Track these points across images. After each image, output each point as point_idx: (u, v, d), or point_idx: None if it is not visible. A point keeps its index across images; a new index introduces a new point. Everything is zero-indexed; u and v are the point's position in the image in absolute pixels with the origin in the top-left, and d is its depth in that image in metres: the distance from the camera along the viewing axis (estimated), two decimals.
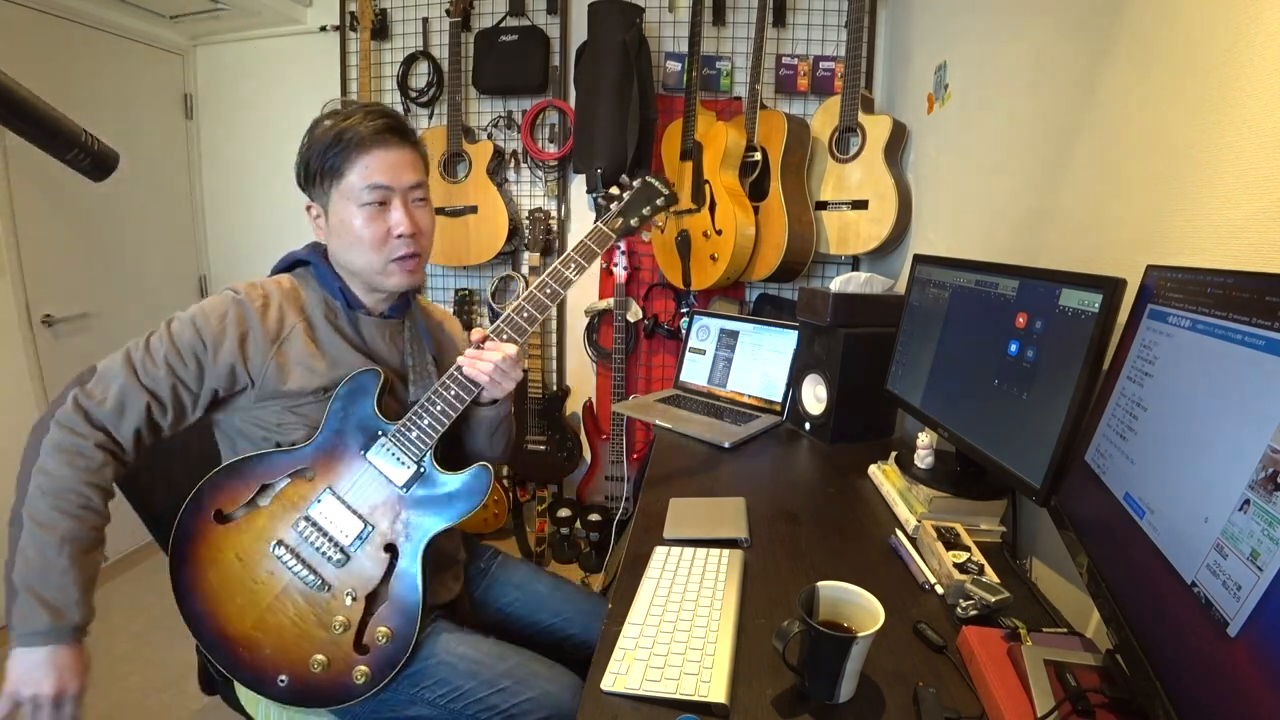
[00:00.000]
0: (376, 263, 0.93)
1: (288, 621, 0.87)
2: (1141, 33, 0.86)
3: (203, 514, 0.89)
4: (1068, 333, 0.81)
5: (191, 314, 0.88)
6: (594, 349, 2.31)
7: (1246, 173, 0.66)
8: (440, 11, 2.16)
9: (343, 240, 0.93)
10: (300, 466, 0.91)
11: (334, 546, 0.89)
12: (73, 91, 2.07)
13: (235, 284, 0.92)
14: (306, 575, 0.88)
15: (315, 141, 0.90)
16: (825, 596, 0.69)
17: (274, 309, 0.91)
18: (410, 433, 0.92)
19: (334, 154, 0.88)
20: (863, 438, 1.43)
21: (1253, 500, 0.45)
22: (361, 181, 0.89)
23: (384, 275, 0.94)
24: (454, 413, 0.94)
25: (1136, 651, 0.55)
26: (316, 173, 0.90)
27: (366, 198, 0.89)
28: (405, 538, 0.91)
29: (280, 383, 0.90)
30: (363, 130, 0.88)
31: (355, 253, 0.92)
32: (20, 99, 0.50)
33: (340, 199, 0.90)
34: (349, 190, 0.89)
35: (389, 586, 0.90)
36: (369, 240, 0.91)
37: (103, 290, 2.22)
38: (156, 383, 0.85)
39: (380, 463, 0.92)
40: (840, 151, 1.80)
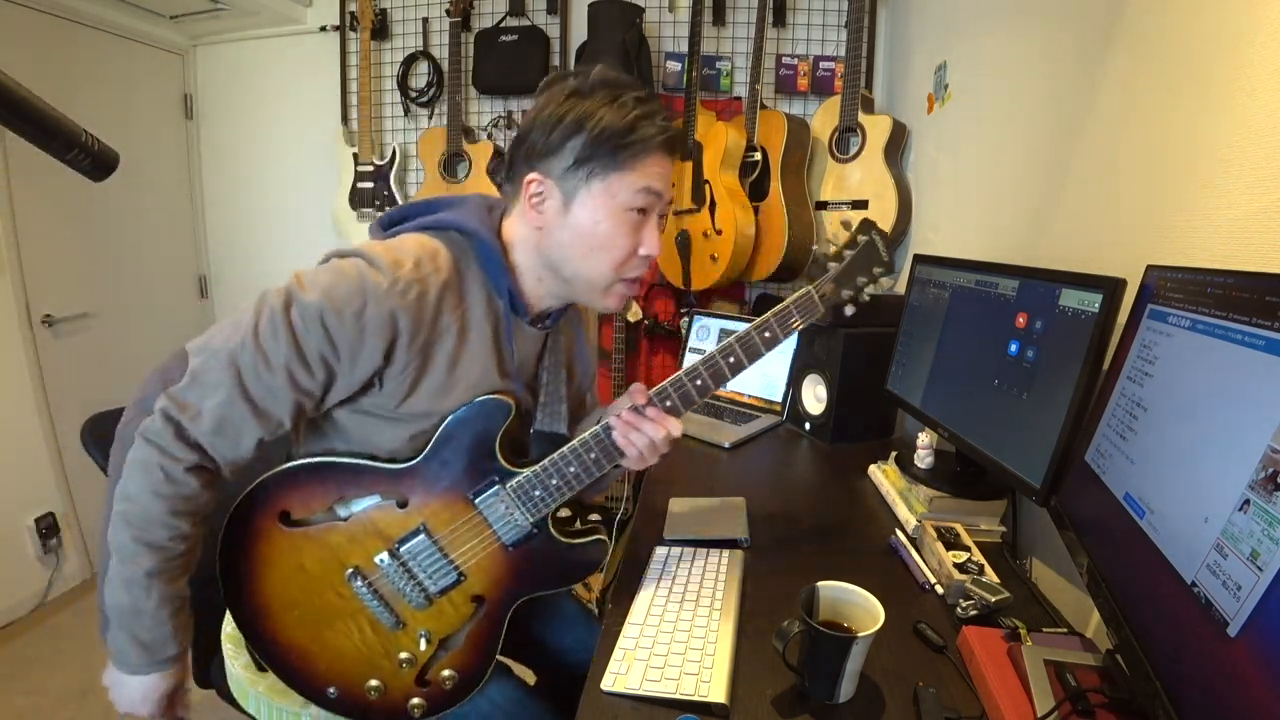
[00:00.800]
0: (606, 277, 0.76)
1: (350, 645, 0.80)
2: (1141, 33, 0.86)
3: (265, 509, 0.77)
4: (1068, 333, 0.81)
5: (319, 305, 0.66)
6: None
7: (1246, 173, 0.66)
8: (440, 11, 2.16)
9: (579, 240, 0.74)
10: (395, 490, 0.78)
11: (417, 589, 0.79)
12: (73, 91, 2.07)
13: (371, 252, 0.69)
14: (380, 610, 0.79)
15: (603, 112, 0.71)
16: (825, 596, 0.69)
17: (430, 303, 0.71)
18: (534, 490, 0.78)
19: (633, 137, 0.71)
20: (863, 438, 1.43)
21: (1253, 500, 0.45)
22: (641, 182, 0.72)
23: (603, 293, 0.78)
24: (589, 479, 0.80)
25: (1136, 651, 0.55)
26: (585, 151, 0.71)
27: (637, 201, 0.73)
28: (498, 594, 0.81)
29: (400, 401, 0.74)
30: (661, 133, 0.73)
31: (589, 260, 0.75)
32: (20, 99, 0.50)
33: (601, 192, 0.72)
34: (619, 187, 0.72)
35: (466, 633, 0.81)
36: (619, 252, 0.74)
37: (103, 290, 2.22)
38: (271, 396, 0.68)
39: (490, 513, 0.79)
40: (840, 151, 1.80)
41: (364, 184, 2.21)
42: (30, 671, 1.73)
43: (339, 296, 0.66)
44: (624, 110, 0.71)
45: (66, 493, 2.09)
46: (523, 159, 0.75)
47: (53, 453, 2.04)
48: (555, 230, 0.75)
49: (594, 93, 0.72)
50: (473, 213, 0.78)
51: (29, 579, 2.00)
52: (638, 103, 0.72)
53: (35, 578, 2.01)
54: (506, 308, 0.78)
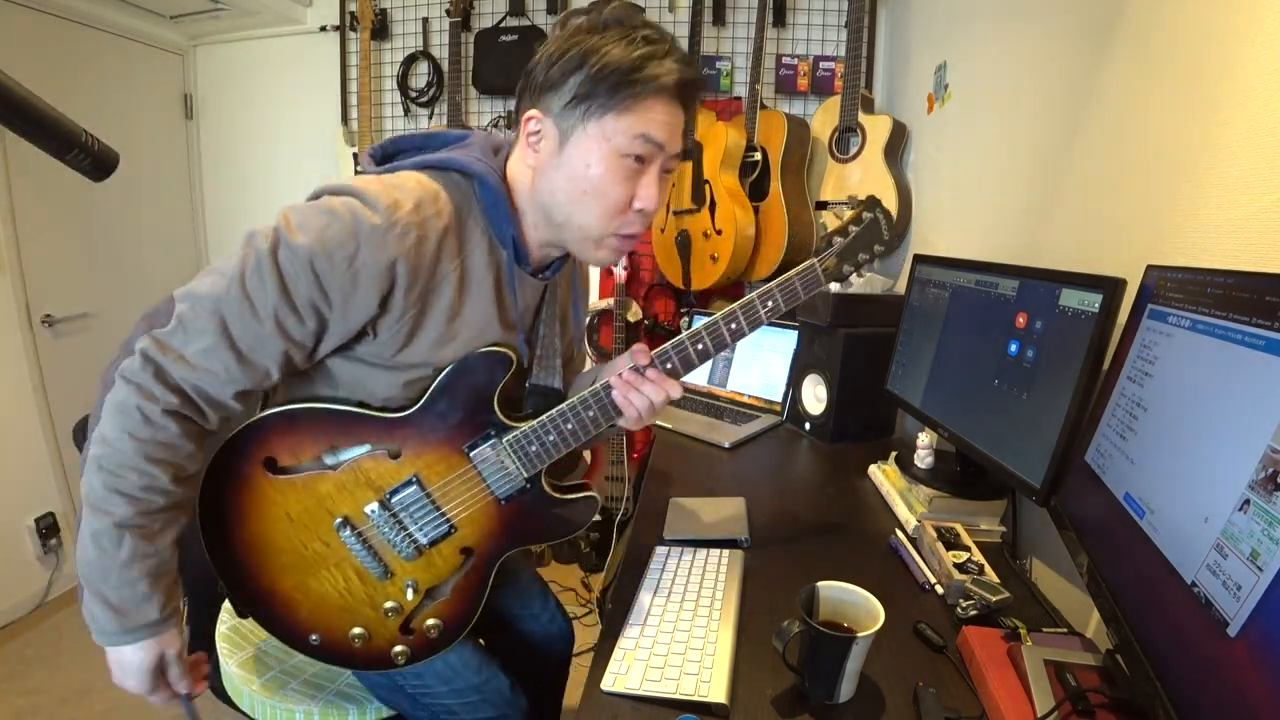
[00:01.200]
0: (596, 227, 0.72)
1: (334, 593, 0.79)
2: (1142, 33, 0.86)
3: (248, 456, 0.74)
4: (1068, 333, 0.81)
5: (310, 248, 0.63)
6: (594, 349, 2.31)
7: (1246, 173, 0.66)
8: (440, 11, 2.16)
9: (569, 183, 0.71)
10: (388, 440, 0.76)
11: (408, 541, 0.79)
12: (73, 91, 2.07)
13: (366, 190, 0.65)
14: (369, 560, 0.78)
15: (609, 47, 0.66)
16: (825, 596, 0.69)
17: (429, 249, 0.68)
18: (530, 445, 0.77)
19: (626, 79, 0.66)
20: (863, 438, 1.43)
21: (1253, 500, 0.45)
22: (638, 127, 0.68)
23: (595, 245, 0.74)
24: (586, 436, 0.79)
25: (1136, 651, 0.55)
26: (583, 88, 0.67)
27: (633, 149, 0.68)
28: (487, 546, 0.82)
29: (400, 345, 0.71)
30: (669, 75, 0.67)
31: (579, 206, 0.71)
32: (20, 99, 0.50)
33: (596, 133, 0.68)
34: (614, 129, 0.68)
35: (454, 584, 0.82)
36: (610, 201, 0.70)
37: (103, 290, 2.22)
38: (259, 345, 0.65)
39: (485, 467, 0.78)
40: (840, 151, 1.80)
41: None
42: (30, 671, 1.73)
43: (331, 240, 0.63)
44: (631, 48, 0.66)
45: (66, 493, 2.09)
46: (525, 94, 0.72)
47: (53, 453, 2.04)
48: (549, 171, 0.72)
49: (606, 29, 0.68)
50: (478, 152, 0.74)
51: (29, 579, 2.00)
52: (647, 42, 0.68)
53: (35, 578, 2.01)
54: (510, 257, 0.75)
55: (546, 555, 2.34)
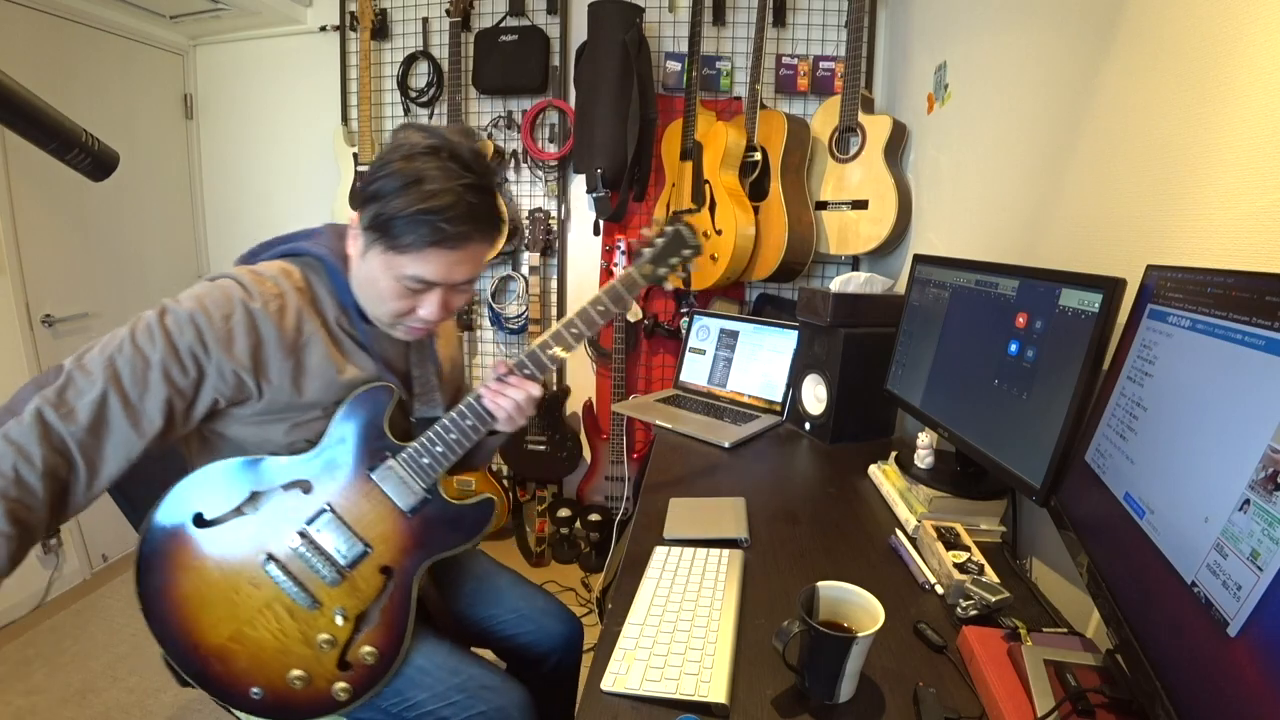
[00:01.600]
0: (385, 321, 0.86)
1: (268, 635, 0.84)
2: (1141, 32, 0.86)
3: (178, 515, 0.83)
4: (1068, 333, 0.81)
5: (190, 310, 0.75)
6: (594, 349, 2.31)
7: (1246, 173, 0.66)
8: (440, 11, 2.16)
9: (363, 285, 0.84)
10: (298, 476, 0.85)
11: (329, 565, 0.85)
12: (73, 91, 2.07)
13: (237, 273, 0.80)
14: (296, 591, 0.84)
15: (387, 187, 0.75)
16: (825, 596, 0.69)
17: (291, 312, 0.81)
18: (422, 458, 0.89)
19: (401, 230, 0.76)
20: (863, 438, 1.43)
21: (1253, 500, 0.45)
22: (413, 269, 0.79)
23: (389, 328, 0.88)
24: (469, 443, 0.91)
25: (1136, 651, 0.55)
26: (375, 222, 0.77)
27: (409, 284, 0.80)
28: (404, 562, 0.89)
29: (295, 395, 0.82)
30: (449, 227, 0.76)
31: (370, 303, 0.85)
32: (20, 99, 0.50)
33: (380, 259, 0.79)
34: (394, 264, 0.79)
35: (380, 607, 0.87)
36: (392, 309, 0.83)
37: (103, 290, 2.22)
38: (146, 392, 0.72)
39: (386, 484, 0.88)
40: (840, 151, 1.80)
41: None
42: (30, 671, 1.73)
43: (209, 303, 0.76)
44: (411, 201, 0.74)
45: None
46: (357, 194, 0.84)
47: None
48: (356, 266, 0.85)
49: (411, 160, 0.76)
50: (322, 240, 0.88)
51: (29, 579, 1.99)
52: (428, 196, 0.74)
53: (35, 578, 2.01)
54: (355, 316, 0.88)
55: (547, 555, 2.34)
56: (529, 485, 2.39)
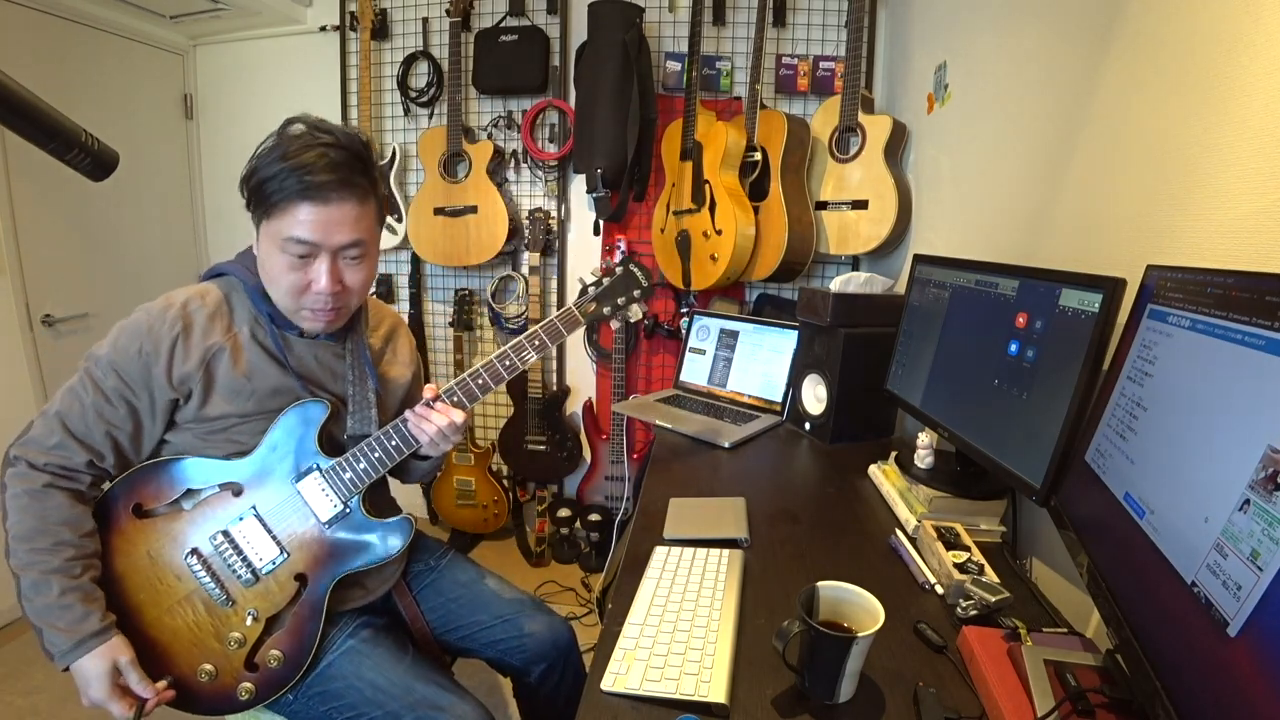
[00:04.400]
0: (286, 305, 0.89)
1: (184, 626, 0.88)
2: (1142, 33, 0.86)
3: (122, 503, 0.89)
4: (1068, 333, 0.81)
5: (108, 356, 0.85)
6: (594, 349, 2.31)
7: (1246, 173, 0.66)
8: (440, 11, 2.16)
9: (263, 272, 0.88)
10: (231, 479, 0.91)
11: (246, 566, 0.90)
12: (73, 91, 2.07)
13: (151, 304, 0.88)
14: (213, 588, 0.88)
15: (262, 161, 0.82)
16: (825, 596, 0.69)
17: (196, 330, 0.87)
18: (344, 473, 0.93)
19: (274, 190, 0.81)
20: (863, 438, 1.43)
21: (1253, 500, 0.45)
22: (287, 231, 0.82)
23: (297, 318, 0.91)
24: (391, 463, 0.95)
25: (1136, 651, 0.55)
26: (252, 196, 0.84)
27: (290, 249, 0.83)
28: (318, 571, 0.92)
29: (200, 406, 0.88)
30: (312, 178, 0.80)
31: (270, 289, 0.89)
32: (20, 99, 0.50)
33: (266, 235, 0.85)
34: (274, 232, 0.83)
35: (291, 613, 0.91)
36: (285, 286, 0.86)
37: (103, 290, 2.22)
38: (88, 432, 0.85)
39: (309, 495, 0.92)
40: (840, 151, 1.80)
41: None
42: (30, 671, 1.73)
43: (121, 345, 0.85)
44: (278, 162, 0.81)
45: None
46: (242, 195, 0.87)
47: None
48: (258, 258, 0.89)
49: (272, 146, 0.83)
50: (238, 259, 0.94)
51: None
52: (288, 155, 0.81)
53: None
54: (269, 324, 0.92)
55: (547, 555, 2.34)
56: (529, 485, 2.39)
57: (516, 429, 2.29)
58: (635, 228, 2.20)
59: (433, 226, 2.13)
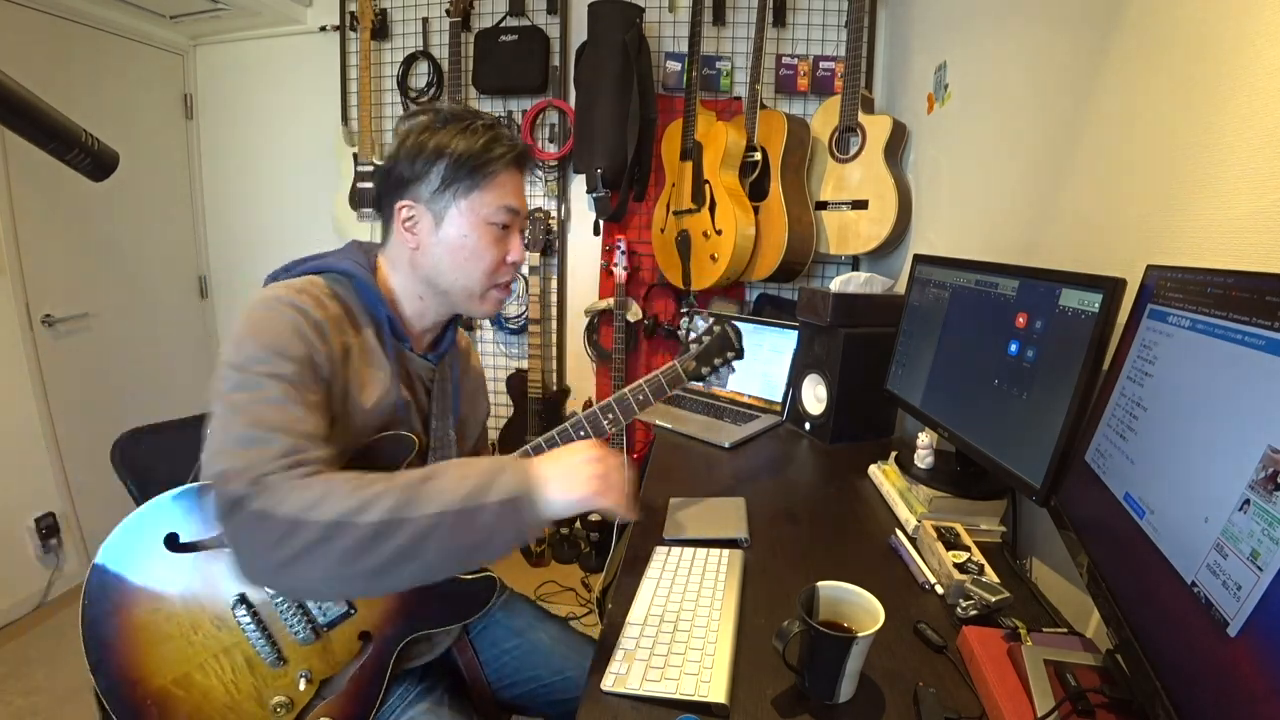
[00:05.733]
0: (481, 284, 0.84)
1: (218, 687, 0.74)
2: (1142, 33, 0.86)
3: (148, 534, 0.74)
4: (1068, 333, 0.81)
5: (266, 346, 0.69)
6: (594, 349, 2.31)
7: (1247, 172, 0.66)
8: (440, 11, 2.16)
9: (452, 255, 0.81)
10: None
11: (306, 622, 0.77)
12: (73, 91, 2.07)
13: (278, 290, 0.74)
14: (262, 644, 0.75)
15: (459, 139, 0.79)
16: (825, 596, 0.69)
17: (327, 327, 0.74)
18: None
19: (482, 159, 0.79)
20: (863, 438, 1.43)
21: (1253, 500, 0.45)
22: (500, 200, 0.81)
23: (480, 299, 0.85)
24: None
25: (1136, 651, 0.55)
26: (450, 174, 0.79)
27: (499, 218, 0.82)
28: (386, 631, 0.80)
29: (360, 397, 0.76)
30: (510, 151, 0.81)
31: (463, 270, 0.82)
32: (20, 99, 0.50)
33: (467, 212, 0.80)
34: (480, 205, 0.80)
35: (349, 675, 0.79)
36: (488, 261, 0.82)
37: (103, 290, 2.22)
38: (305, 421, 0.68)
39: None
40: (840, 151, 1.80)
41: (364, 184, 2.21)
42: (30, 671, 1.73)
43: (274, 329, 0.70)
44: (475, 136, 0.80)
45: (66, 493, 2.09)
46: (392, 189, 0.82)
47: (53, 453, 2.04)
48: (430, 248, 0.82)
49: (446, 125, 0.81)
50: (346, 254, 0.85)
51: (29, 579, 2.00)
52: (485, 129, 0.81)
53: (35, 578, 2.01)
54: (388, 331, 0.83)
55: (547, 555, 2.34)
56: None
57: (517, 429, 2.29)
58: (635, 228, 2.20)
59: None
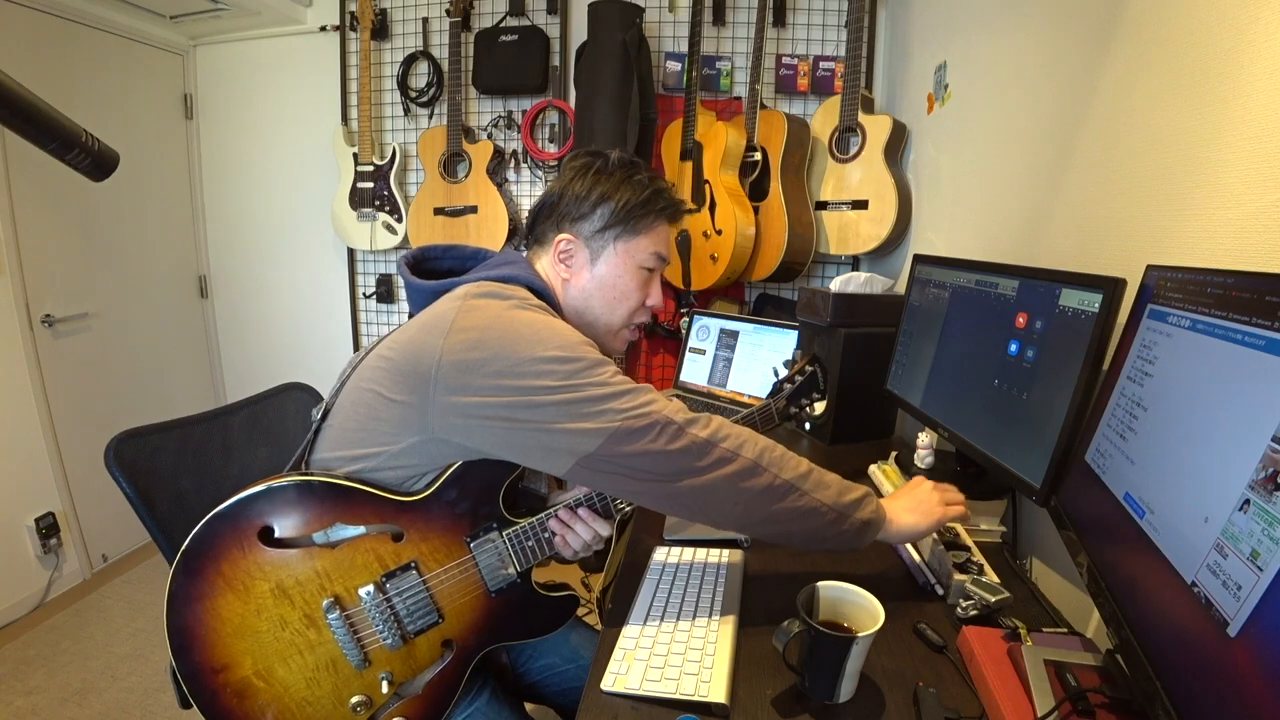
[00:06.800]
0: (622, 321, 0.91)
1: (299, 683, 0.75)
2: (1142, 32, 0.86)
3: (245, 523, 0.74)
4: (1068, 333, 0.81)
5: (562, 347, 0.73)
6: None
7: (1247, 172, 0.66)
8: (440, 11, 2.16)
9: (602, 291, 0.88)
10: (393, 522, 0.77)
11: (395, 628, 0.77)
12: (73, 91, 2.07)
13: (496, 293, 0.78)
14: (350, 646, 0.76)
15: (625, 188, 0.87)
16: (825, 596, 0.69)
17: None
18: (528, 541, 0.81)
19: (646, 210, 0.87)
20: (863, 438, 1.43)
21: (1253, 500, 0.45)
22: (653, 247, 0.89)
23: (616, 335, 0.93)
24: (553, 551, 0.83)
25: (1136, 651, 0.55)
26: (613, 219, 0.86)
27: (651, 264, 0.89)
28: (470, 641, 0.81)
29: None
30: (670, 206, 0.90)
31: (611, 307, 0.89)
32: (20, 99, 0.50)
33: (624, 253, 0.88)
34: (638, 249, 0.88)
35: (427, 680, 0.80)
36: (633, 302, 0.90)
37: (103, 290, 2.22)
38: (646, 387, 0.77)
39: (483, 558, 0.80)
40: (840, 151, 1.80)
41: (364, 184, 2.22)
42: (30, 671, 1.73)
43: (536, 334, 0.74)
44: (641, 188, 0.88)
45: (67, 493, 2.09)
46: (554, 222, 0.89)
47: (53, 453, 2.04)
48: (583, 281, 0.89)
49: (614, 172, 0.89)
50: (528, 270, 0.89)
51: (29, 579, 2.00)
52: (651, 181, 0.90)
53: (35, 578, 2.01)
54: None
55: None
56: None
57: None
58: None
59: (433, 226, 2.13)
